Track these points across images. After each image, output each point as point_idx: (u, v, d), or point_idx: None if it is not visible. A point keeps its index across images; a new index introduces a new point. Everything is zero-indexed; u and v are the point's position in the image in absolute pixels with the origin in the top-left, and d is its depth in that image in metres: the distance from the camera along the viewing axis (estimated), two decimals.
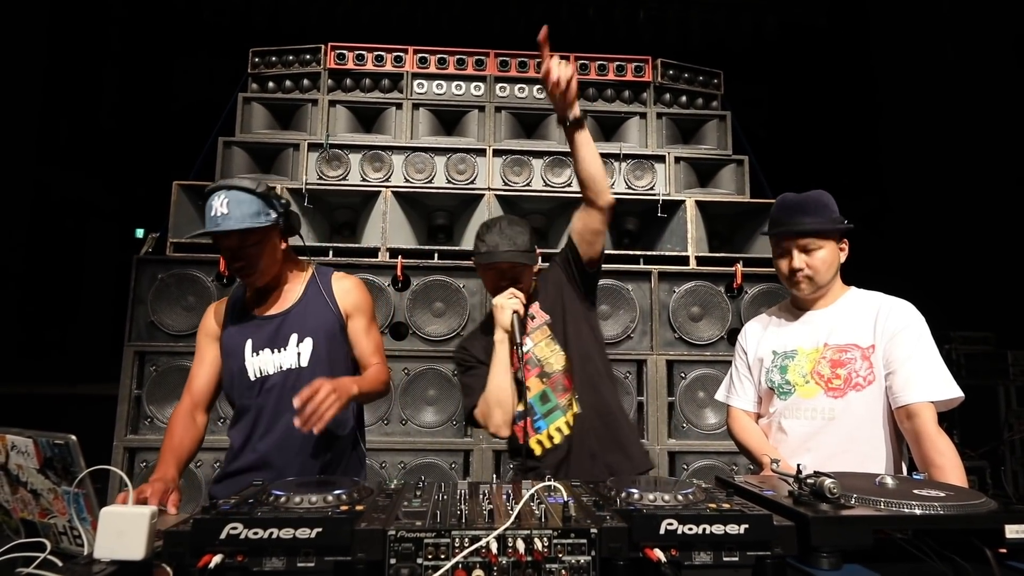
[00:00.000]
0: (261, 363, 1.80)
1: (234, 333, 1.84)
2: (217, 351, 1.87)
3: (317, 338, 1.82)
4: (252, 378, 1.80)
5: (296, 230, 1.85)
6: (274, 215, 1.75)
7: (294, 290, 1.89)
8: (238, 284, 1.95)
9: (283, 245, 1.85)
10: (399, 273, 3.39)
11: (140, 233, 6.22)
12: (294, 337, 1.81)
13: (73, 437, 1.07)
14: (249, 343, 1.81)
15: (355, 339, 1.90)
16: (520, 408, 1.85)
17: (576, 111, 1.84)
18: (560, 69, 1.76)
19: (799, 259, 1.79)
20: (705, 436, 3.42)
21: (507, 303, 1.84)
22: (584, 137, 1.86)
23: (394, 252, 3.56)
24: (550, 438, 1.91)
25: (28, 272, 5.79)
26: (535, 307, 1.98)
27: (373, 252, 3.57)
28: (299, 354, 1.80)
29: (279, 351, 1.80)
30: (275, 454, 1.76)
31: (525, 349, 1.90)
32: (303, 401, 1.52)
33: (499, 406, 1.86)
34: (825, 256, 1.79)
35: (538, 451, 1.90)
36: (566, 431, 1.91)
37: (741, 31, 6.37)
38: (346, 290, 1.91)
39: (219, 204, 1.67)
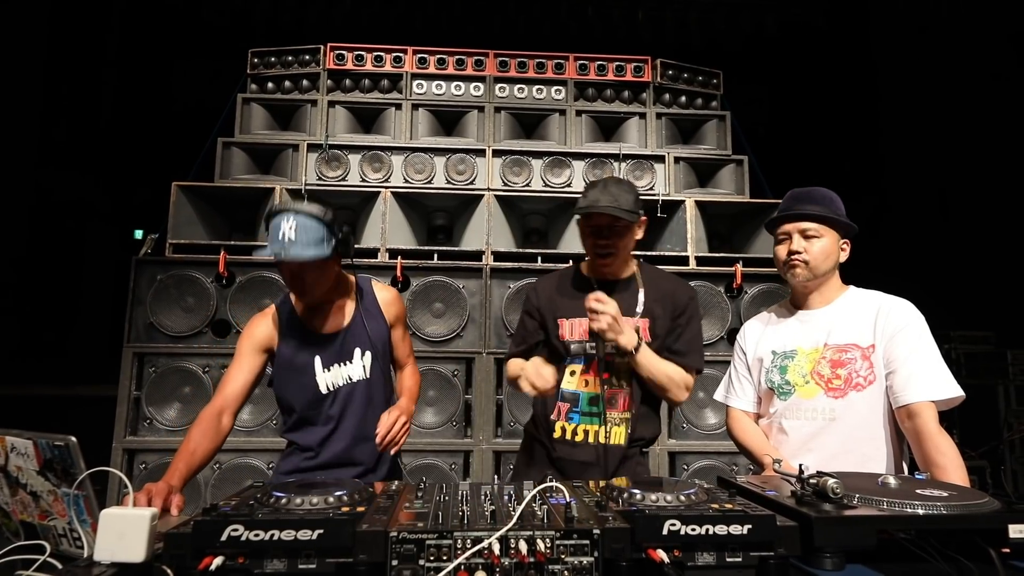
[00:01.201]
0: (332, 378, 1.94)
1: (298, 349, 1.93)
2: (260, 361, 1.94)
3: (376, 350, 1.98)
4: (324, 391, 1.93)
5: (351, 253, 1.94)
6: (335, 243, 1.83)
7: (347, 305, 2.01)
8: (282, 298, 2.03)
9: (337, 268, 1.95)
10: (399, 274, 3.39)
11: (139, 234, 6.22)
12: (357, 351, 1.96)
13: (73, 439, 1.06)
14: (318, 360, 1.93)
15: (396, 345, 2.09)
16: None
17: (628, 343, 1.80)
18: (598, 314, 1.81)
19: (798, 242, 1.79)
20: (705, 436, 3.42)
21: (604, 309, 1.78)
22: (638, 361, 1.83)
23: (393, 253, 3.55)
24: (574, 434, 1.91)
25: (27, 273, 5.78)
26: (632, 320, 1.90)
27: (373, 252, 3.57)
28: (364, 367, 1.97)
29: (346, 364, 1.95)
30: (352, 452, 1.93)
31: (610, 351, 1.86)
32: (385, 433, 1.79)
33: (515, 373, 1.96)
34: (824, 246, 1.78)
35: (556, 434, 1.93)
36: (594, 441, 1.91)
37: (740, 31, 6.36)
38: (389, 302, 2.07)
39: (288, 228, 1.72)
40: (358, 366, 1.96)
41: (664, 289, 1.95)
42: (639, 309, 1.91)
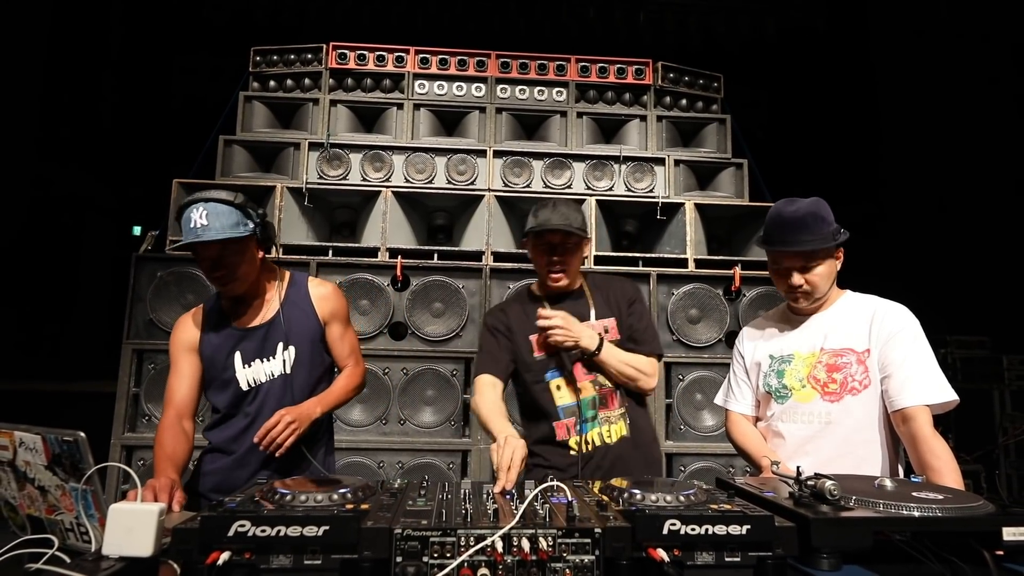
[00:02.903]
0: (254, 373, 1.88)
1: (218, 345, 1.88)
2: (195, 362, 1.91)
3: (301, 346, 1.91)
4: (245, 388, 1.88)
5: (272, 240, 1.91)
6: (251, 225, 1.82)
7: (273, 299, 1.94)
8: (211, 297, 2.01)
9: (260, 255, 1.90)
10: (399, 273, 3.40)
11: (137, 231, 6.22)
12: (280, 346, 1.89)
13: (82, 434, 1.07)
14: (239, 355, 1.88)
15: (332, 344, 2.00)
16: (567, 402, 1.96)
17: (590, 344, 1.89)
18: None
19: (798, 278, 1.79)
20: (702, 438, 3.44)
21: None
22: (603, 359, 1.91)
23: (394, 252, 3.56)
24: (588, 442, 1.94)
25: (25, 268, 5.77)
26: (597, 324, 1.99)
27: (373, 252, 3.58)
28: (284, 361, 1.89)
29: (268, 360, 1.89)
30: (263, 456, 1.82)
31: (574, 357, 1.95)
32: (264, 433, 1.68)
33: (480, 415, 1.91)
34: (823, 271, 1.79)
35: (575, 452, 1.94)
36: (599, 442, 1.95)
37: (740, 34, 6.39)
38: (324, 297, 1.98)
39: (198, 216, 1.73)
40: (279, 361, 1.88)
41: (611, 289, 2.06)
42: (592, 313, 2.00)
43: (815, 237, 1.74)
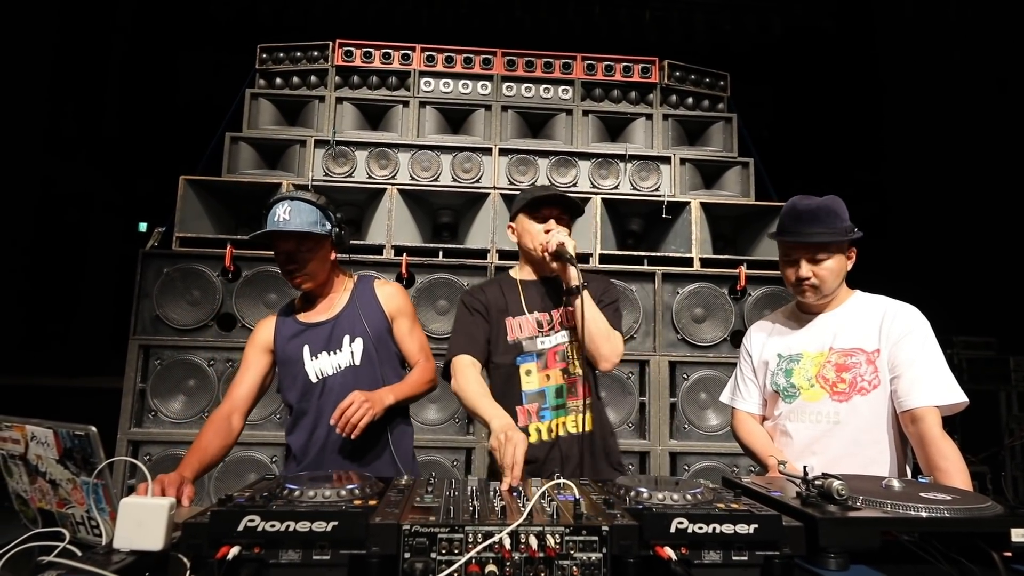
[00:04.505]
0: (321, 365, 1.94)
1: (290, 341, 1.96)
2: (265, 362, 1.99)
3: (367, 338, 1.96)
4: (314, 380, 1.93)
5: (346, 244, 1.99)
6: (329, 226, 1.93)
7: (341, 297, 2.03)
8: (287, 302, 2.10)
9: (333, 255, 2.00)
10: (404, 271, 3.41)
11: (143, 227, 6.25)
12: (346, 339, 1.95)
13: (93, 428, 1.08)
14: (307, 348, 1.95)
15: (400, 340, 2.05)
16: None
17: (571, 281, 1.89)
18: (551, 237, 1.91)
19: (806, 268, 1.79)
20: (707, 437, 3.44)
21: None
22: (585, 299, 1.84)
23: (399, 250, 3.57)
24: (550, 431, 1.93)
25: (31, 264, 5.80)
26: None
27: (378, 249, 3.58)
28: (352, 353, 1.95)
29: (335, 352, 1.95)
30: (337, 448, 1.89)
31: (561, 340, 1.96)
32: (340, 414, 1.71)
33: (466, 399, 1.85)
34: (833, 266, 1.79)
35: (533, 438, 1.90)
36: (563, 432, 1.94)
37: (746, 33, 6.37)
38: (389, 295, 2.05)
39: (282, 211, 1.86)
40: (347, 353, 1.94)
41: (592, 284, 2.01)
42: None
43: (827, 230, 1.75)
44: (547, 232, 1.93)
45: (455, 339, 1.99)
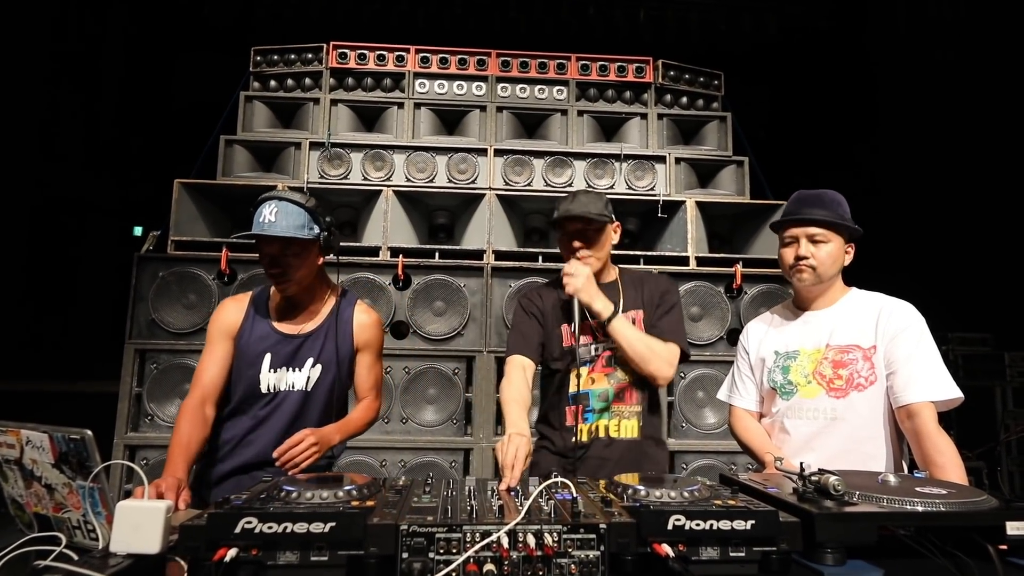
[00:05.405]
0: (276, 380, 1.89)
1: (254, 343, 1.90)
2: (229, 347, 1.92)
3: (328, 366, 1.91)
4: (264, 391, 1.88)
5: (335, 249, 1.93)
6: (317, 230, 1.85)
7: (319, 312, 1.97)
8: (262, 288, 2.01)
9: (320, 261, 1.93)
10: (400, 272, 3.40)
11: (138, 231, 6.22)
12: (309, 361, 1.91)
13: (89, 432, 1.08)
14: (268, 358, 1.89)
15: (358, 372, 2.01)
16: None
17: (604, 310, 1.91)
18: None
19: (805, 247, 1.80)
20: (704, 436, 3.44)
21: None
22: (615, 328, 1.90)
23: (395, 251, 3.57)
24: (591, 432, 1.96)
25: (27, 268, 5.78)
26: (623, 314, 1.98)
27: (374, 251, 3.58)
28: (308, 379, 1.90)
29: (294, 371, 1.90)
30: (266, 459, 1.81)
31: (612, 346, 1.96)
32: (285, 450, 1.67)
33: (501, 401, 1.90)
34: (831, 250, 1.80)
35: (584, 437, 1.96)
36: (603, 434, 1.96)
37: (742, 33, 6.38)
38: (365, 326, 1.99)
39: (268, 212, 1.79)
40: (303, 376, 1.90)
41: (643, 285, 2.07)
42: (620, 305, 2.01)
43: (829, 212, 1.79)
44: (566, 274, 1.94)
45: (512, 337, 2.06)
